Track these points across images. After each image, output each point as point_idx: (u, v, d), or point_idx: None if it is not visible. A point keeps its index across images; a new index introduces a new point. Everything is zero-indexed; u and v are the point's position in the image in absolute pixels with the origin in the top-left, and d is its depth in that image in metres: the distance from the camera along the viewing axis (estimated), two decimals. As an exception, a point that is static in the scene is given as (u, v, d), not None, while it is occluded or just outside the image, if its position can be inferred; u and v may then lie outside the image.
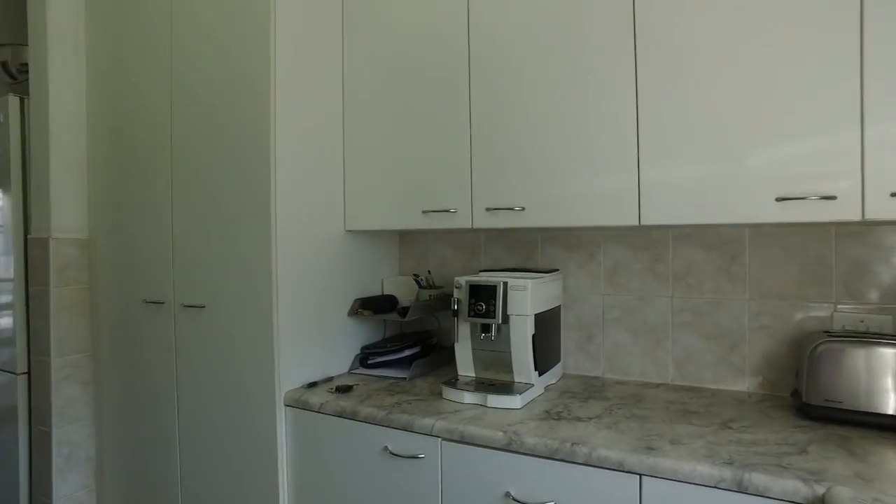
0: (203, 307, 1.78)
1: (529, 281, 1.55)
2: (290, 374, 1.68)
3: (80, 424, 2.14)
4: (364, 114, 1.86)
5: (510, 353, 1.57)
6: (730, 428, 1.30)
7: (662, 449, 1.17)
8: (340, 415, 1.54)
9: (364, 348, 1.91)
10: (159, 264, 1.91)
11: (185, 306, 1.82)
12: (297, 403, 1.63)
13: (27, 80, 2.25)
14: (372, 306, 1.87)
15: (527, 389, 1.52)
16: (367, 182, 1.85)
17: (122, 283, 2.04)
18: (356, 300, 1.91)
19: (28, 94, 2.15)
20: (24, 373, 2.17)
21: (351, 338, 1.91)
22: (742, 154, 1.31)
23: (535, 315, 1.57)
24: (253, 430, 1.69)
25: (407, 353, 1.85)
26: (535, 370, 1.57)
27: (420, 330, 2.08)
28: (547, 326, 1.67)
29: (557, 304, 1.76)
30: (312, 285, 1.76)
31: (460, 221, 1.68)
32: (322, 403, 1.58)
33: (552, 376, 1.71)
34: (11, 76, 2.52)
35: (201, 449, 1.82)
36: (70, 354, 2.10)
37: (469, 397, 1.52)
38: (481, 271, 1.77)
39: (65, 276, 2.08)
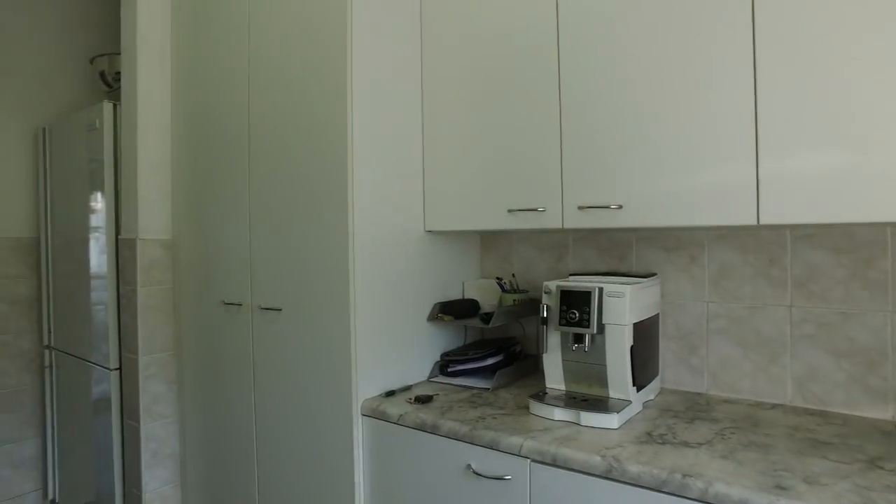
0: (280, 310, 1.74)
1: (627, 287, 1.40)
2: (368, 381, 1.61)
3: (165, 421, 2.18)
4: (443, 102, 1.76)
5: (605, 365, 1.43)
6: (881, 468, 1.09)
7: (796, 489, 1.00)
8: (420, 428, 1.45)
9: (444, 355, 1.82)
10: (237, 266, 1.90)
11: (263, 309, 1.79)
12: (374, 414, 1.55)
13: (120, 87, 2.32)
14: (453, 311, 1.78)
15: (624, 407, 1.36)
16: (448, 179, 1.75)
17: (202, 284, 2.05)
18: (436, 304, 1.81)
19: (120, 101, 2.22)
20: (117, 368, 2.23)
21: (430, 344, 1.82)
22: (886, 140, 1.10)
23: (634, 324, 1.42)
24: (329, 438, 1.63)
25: (490, 361, 1.74)
26: (633, 385, 1.41)
27: (503, 336, 1.96)
28: (645, 337, 1.50)
29: (656, 313, 1.59)
30: (391, 288, 1.69)
31: (549, 221, 1.54)
32: (401, 415, 1.49)
33: (650, 392, 1.54)
34: (108, 84, 2.62)
35: (278, 453, 1.79)
36: (155, 353, 2.14)
37: (560, 413, 1.39)
38: (571, 275, 1.63)
39: (151, 276, 2.12)
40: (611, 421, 1.32)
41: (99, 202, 2.28)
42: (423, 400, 1.55)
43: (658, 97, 1.37)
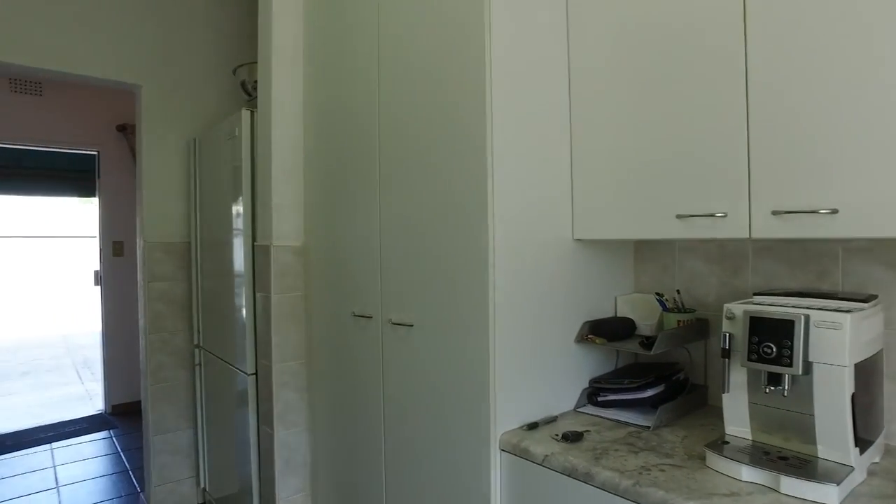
0: (411, 326, 1.61)
1: (846, 315, 1.07)
2: (507, 409, 1.41)
3: (296, 430, 2.16)
4: (594, 98, 1.51)
5: (813, 416, 1.11)
6: None
7: None
8: (570, 474, 1.23)
9: (593, 382, 1.57)
10: (367, 277, 1.79)
11: (393, 323, 1.67)
12: (515, 450, 1.35)
13: (256, 95, 2.35)
14: (605, 332, 1.53)
15: (845, 475, 1.04)
16: (601, 181, 1.50)
17: (332, 294, 1.99)
18: (585, 323, 1.58)
19: (257, 108, 2.23)
20: (253, 374, 2.26)
21: (577, 368, 1.59)
22: None
23: (855, 365, 1.08)
24: (462, 470, 1.46)
25: (649, 392, 1.47)
26: (855, 445, 1.08)
27: (662, 362, 1.67)
28: (867, 380, 1.15)
29: (879, 348, 1.22)
30: (534, 305, 1.48)
31: (731, 229, 1.24)
32: (546, 455, 1.28)
33: (874, 453, 1.19)
34: (248, 93, 2.68)
35: (408, 477, 1.66)
36: (287, 361, 2.12)
37: (749, 473, 1.10)
38: (755, 294, 1.31)
39: (284, 283, 2.10)
40: (828, 494, 1.00)
41: (239, 209, 2.32)
42: (572, 438, 1.32)
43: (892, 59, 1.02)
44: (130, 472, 3.42)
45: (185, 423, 2.95)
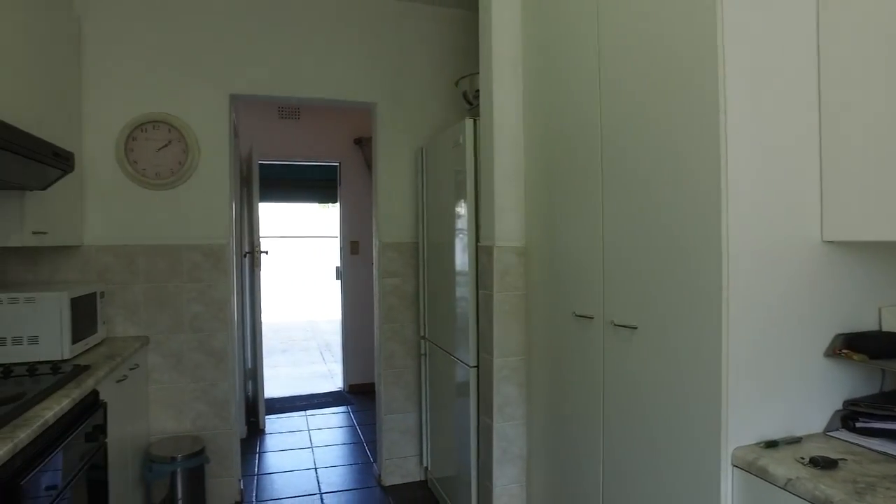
0: (635, 328, 1.58)
1: None
2: (741, 422, 1.32)
3: (514, 423, 2.26)
4: (855, 67, 1.32)
5: None
6: None
7: None
8: (821, 504, 1.11)
9: (850, 404, 1.39)
10: (589, 277, 1.81)
11: (615, 325, 1.66)
12: (750, 468, 1.26)
13: (479, 104, 2.51)
14: (866, 347, 1.34)
15: None
16: (865, 168, 1.31)
17: (552, 294, 2.04)
18: (837, 336, 1.40)
19: (479, 116, 2.38)
20: (475, 366, 2.42)
21: (826, 386, 1.41)
22: None
23: None
24: (688, 481, 1.40)
25: (929, 425, 1.25)
26: None
27: (944, 388, 1.40)
28: None
29: None
30: (772, 311, 1.35)
31: None
32: (790, 479, 1.17)
33: None
34: (469, 102, 2.88)
35: (625, 480, 1.64)
36: (508, 356, 2.23)
37: None
38: None
39: (505, 282, 2.21)
40: None
41: (461, 211, 2.50)
42: (824, 464, 1.19)
43: None
44: (365, 444, 3.90)
45: (412, 407, 3.27)
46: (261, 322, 4.25)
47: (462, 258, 2.52)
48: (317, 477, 3.38)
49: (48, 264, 2.72)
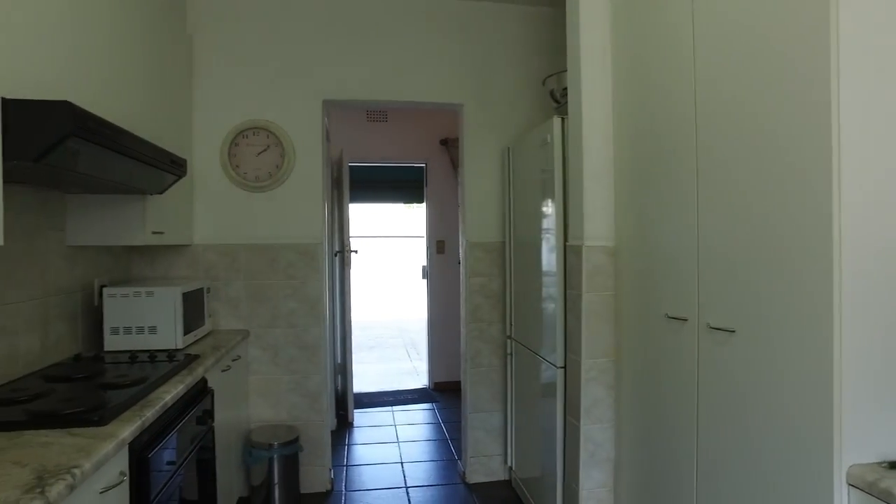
0: (733, 332, 1.50)
1: None
2: (858, 439, 1.22)
3: (602, 426, 2.21)
4: None
5: None
6: None
7: None
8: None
9: None
10: (682, 277, 1.73)
11: (711, 328, 1.58)
12: (871, 490, 1.16)
13: (567, 102, 2.47)
14: None
15: None
16: None
17: (644, 294, 1.98)
18: (974, 347, 1.26)
19: (567, 115, 2.35)
20: (562, 367, 2.38)
21: (961, 401, 1.27)
22: None
23: None
24: (793, 498, 1.31)
25: None
26: None
27: None
28: None
29: None
30: (892, 315, 1.24)
31: None
32: (920, 502, 1.07)
33: None
34: (556, 101, 2.84)
35: (723, 493, 1.55)
36: (597, 357, 2.18)
37: None
38: None
39: (594, 282, 2.17)
40: None
41: (549, 211, 2.48)
42: (957, 487, 1.07)
43: None
44: (449, 441, 3.95)
45: (497, 406, 3.27)
46: (350, 319, 4.41)
47: (549, 258, 2.49)
48: (402, 471, 3.46)
49: (163, 261, 2.97)
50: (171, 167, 2.20)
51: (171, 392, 1.78)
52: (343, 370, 4.46)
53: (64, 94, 1.57)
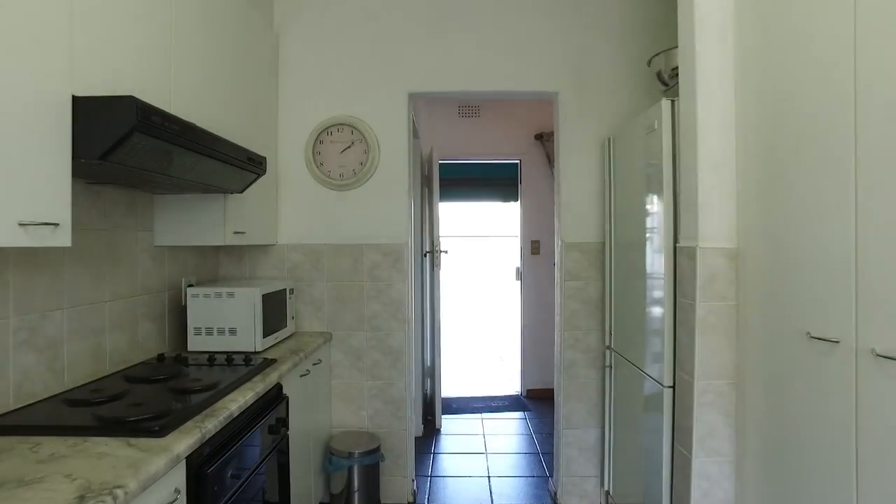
0: (909, 362, 1.15)
1: None
2: None
3: (718, 460, 1.87)
4: None
5: None
6: None
7: None
8: None
9: None
10: (832, 288, 1.38)
11: (877, 355, 1.23)
12: None
13: (677, 83, 2.15)
14: None
15: None
16: None
17: (776, 307, 1.63)
18: None
19: (677, 97, 2.03)
20: (670, 386, 2.07)
21: None
22: None
23: None
24: None
25: None
26: None
27: None
28: None
29: None
30: None
31: None
32: None
33: None
34: (664, 83, 2.51)
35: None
36: (712, 379, 1.85)
37: None
38: None
39: (711, 290, 1.84)
40: None
41: (656, 207, 2.16)
42: None
43: None
44: (540, 455, 3.68)
45: (593, 422, 2.98)
46: (439, 320, 4.26)
47: (656, 261, 2.17)
48: (489, 486, 3.25)
49: (250, 261, 2.96)
50: (249, 165, 2.13)
51: (238, 401, 1.68)
52: (432, 374, 4.32)
53: (141, 92, 1.53)
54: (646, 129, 2.24)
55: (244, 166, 2.10)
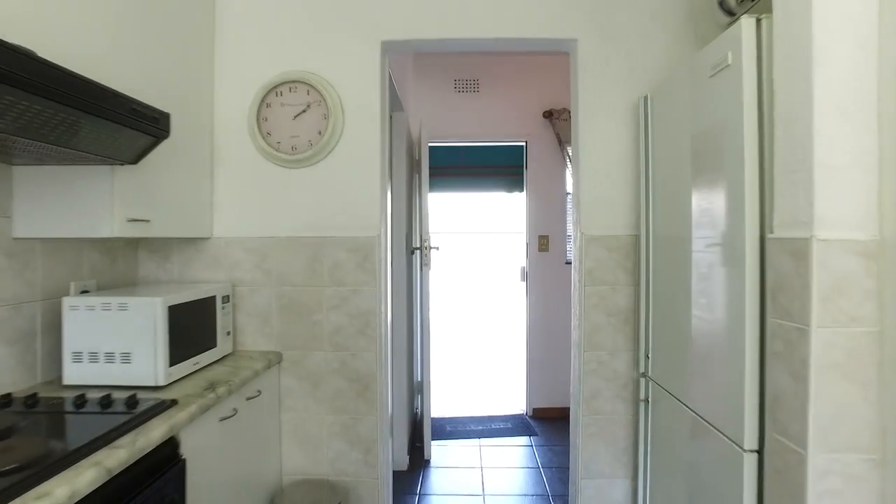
0: None
1: None
2: None
3: (847, 575, 1.19)
4: None
5: None
6: None
7: None
8: None
9: None
10: None
11: None
12: None
13: (748, 9, 1.47)
14: None
15: None
16: None
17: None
18: None
19: (763, 15, 1.34)
20: (754, 451, 1.38)
21: None
22: None
23: None
24: None
25: None
26: None
27: None
28: None
29: None
30: None
31: None
32: None
33: None
34: (730, 12, 1.82)
35: None
36: (839, 451, 1.17)
37: None
38: None
39: (837, 308, 1.15)
40: None
41: (728, 182, 1.47)
42: None
43: None
44: (550, 499, 3.00)
45: (621, 472, 2.29)
46: (429, 328, 3.58)
47: (725, 259, 1.49)
48: (489, 544, 2.56)
49: (179, 260, 2.28)
50: (136, 121, 1.46)
51: (62, 488, 1.00)
52: (421, 390, 3.64)
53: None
54: (711, 67, 1.54)
55: (127, 122, 1.43)
